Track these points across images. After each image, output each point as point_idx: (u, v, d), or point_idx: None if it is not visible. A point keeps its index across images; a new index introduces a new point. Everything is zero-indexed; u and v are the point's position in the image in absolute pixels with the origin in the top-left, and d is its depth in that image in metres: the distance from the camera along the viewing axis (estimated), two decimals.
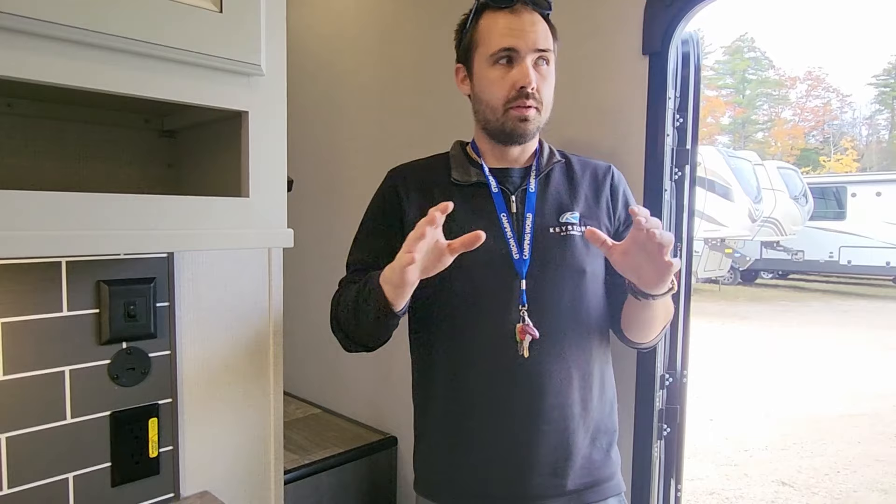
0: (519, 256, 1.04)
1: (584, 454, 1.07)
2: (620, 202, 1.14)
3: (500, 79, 1.02)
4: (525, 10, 1.02)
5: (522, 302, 1.03)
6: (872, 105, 29.20)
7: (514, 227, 1.06)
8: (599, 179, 1.14)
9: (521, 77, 1.00)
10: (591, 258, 1.07)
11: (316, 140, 2.34)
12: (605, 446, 1.11)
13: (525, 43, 1.00)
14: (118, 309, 0.96)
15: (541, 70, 1.03)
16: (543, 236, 1.06)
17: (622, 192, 1.15)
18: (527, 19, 1.01)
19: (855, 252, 12.13)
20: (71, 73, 0.66)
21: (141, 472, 1.01)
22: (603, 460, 1.10)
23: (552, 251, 1.05)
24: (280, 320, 1.19)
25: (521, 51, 1.01)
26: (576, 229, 1.07)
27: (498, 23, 1.02)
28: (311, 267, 2.33)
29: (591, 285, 1.08)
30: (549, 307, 1.04)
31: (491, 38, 1.02)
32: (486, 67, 1.03)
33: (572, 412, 1.05)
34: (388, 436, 2.05)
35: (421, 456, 1.15)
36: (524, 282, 1.03)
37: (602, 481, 1.09)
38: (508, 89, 1.02)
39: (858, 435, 4.42)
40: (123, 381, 0.98)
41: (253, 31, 0.78)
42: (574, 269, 1.05)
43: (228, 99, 0.78)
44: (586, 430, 1.07)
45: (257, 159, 0.81)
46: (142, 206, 0.73)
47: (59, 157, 0.95)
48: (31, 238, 0.65)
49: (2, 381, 0.87)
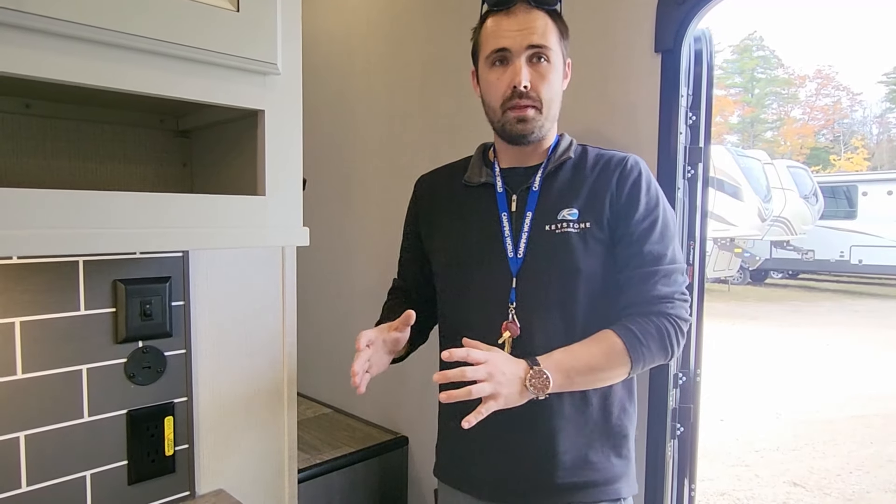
0: (513, 255, 1.05)
1: (575, 454, 1.05)
2: (626, 190, 1.05)
3: (497, 80, 1.04)
4: (522, 9, 1.02)
5: (511, 300, 1.04)
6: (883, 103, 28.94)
7: (512, 226, 1.07)
8: (610, 170, 1.07)
9: (512, 76, 1.01)
10: (588, 256, 1.03)
11: (326, 140, 2.34)
12: (607, 451, 1.07)
13: (515, 42, 1.01)
14: (134, 308, 0.97)
15: (539, 68, 1.02)
16: (540, 235, 1.05)
17: (632, 180, 1.06)
18: (522, 19, 1.01)
19: (866, 251, 12.02)
20: (90, 73, 0.66)
21: (157, 470, 1.02)
22: (603, 464, 1.07)
23: (546, 249, 1.04)
24: (293, 319, 1.20)
25: (513, 50, 1.01)
26: (573, 227, 1.04)
27: (494, 25, 1.04)
28: (322, 267, 2.33)
29: (587, 284, 1.04)
30: (539, 306, 1.04)
31: (488, 40, 1.04)
32: (486, 70, 1.06)
33: (562, 411, 1.04)
34: (398, 435, 2.05)
35: (437, 443, 1.23)
36: (515, 280, 1.05)
37: (595, 484, 1.06)
38: (504, 90, 1.03)
39: (870, 436, 4.39)
40: (139, 380, 0.99)
41: (269, 31, 0.78)
42: (566, 267, 1.03)
43: (245, 98, 0.78)
44: (579, 431, 1.05)
45: (273, 158, 0.82)
46: (158, 205, 0.74)
47: (76, 157, 0.96)
48: (48, 236, 0.65)
49: (20, 380, 0.87)
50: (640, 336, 0.99)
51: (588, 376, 0.99)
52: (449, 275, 1.14)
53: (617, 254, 1.05)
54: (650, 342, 0.99)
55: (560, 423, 1.04)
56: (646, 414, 1.40)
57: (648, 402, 1.40)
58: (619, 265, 1.05)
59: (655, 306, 1.02)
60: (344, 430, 2.11)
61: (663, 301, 1.02)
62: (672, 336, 1.01)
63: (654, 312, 1.01)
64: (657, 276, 1.03)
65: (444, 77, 1.87)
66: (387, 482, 1.99)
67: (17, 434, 0.87)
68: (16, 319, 0.87)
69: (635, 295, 1.03)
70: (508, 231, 1.07)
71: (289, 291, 1.18)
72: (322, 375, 2.42)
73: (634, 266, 1.04)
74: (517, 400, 0.93)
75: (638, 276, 1.03)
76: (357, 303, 2.21)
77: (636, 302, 1.03)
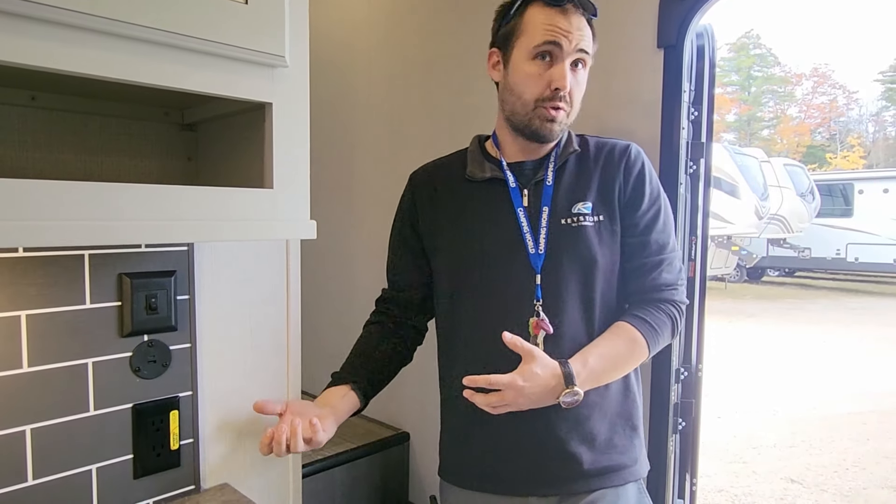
0: (535, 251, 1.05)
1: (603, 439, 1.07)
2: (632, 181, 1.08)
3: (538, 75, 1.01)
4: (575, 11, 1.00)
5: (537, 297, 1.04)
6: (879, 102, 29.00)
7: (529, 221, 1.06)
8: (615, 161, 1.09)
9: (558, 78, 1.00)
10: (603, 248, 1.06)
11: (326, 136, 2.34)
12: (627, 432, 1.10)
13: (569, 42, 0.99)
14: (140, 301, 0.97)
15: (577, 73, 1.03)
16: (557, 229, 1.05)
17: (637, 171, 1.09)
18: (574, 20, 1.00)
19: (862, 249, 12.07)
20: (99, 64, 0.66)
21: (162, 464, 1.01)
22: (626, 446, 1.09)
23: (565, 244, 1.05)
24: (298, 313, 1.20)
25: (565, 49, 0.99)
26: (588, 220, 1.05)
27: (547, 17, 1.00)
28: (325, 262, 2.33)
29: (605, 275, 1.06)
30: (564, 300, 1.04)
31: (536, 31, 1.00)
32: (525, 59, 1.02)
33: (588, 400, 1.04)
34: (400, 431, 2.06)
35: (444, 444, 1.19)
36: (539, 276, 1.04)
37: (623, 466, 1.08)
38: (543, 87, 1.01)
39: (867, 432, 4.41)
40: (145, 374, 0.99)
41: (277, 23, 0.78)
42: (586, 260, 1.05)
43: (253, 90, 0.78)
44: (603, 416, 1.07)
45: (280, 150, 0.82)
46: (166, 197, 0.73)
47: (81, 149, 0.96)
48: (54, 228, 0.65)
49: (26, 373, 0.87)
50: (656, 326, 1.05)
51: (613, 374, 1.05)
52: (460, 274, 1.11)
53: (623, 243, 1.08)
54: (663, 330, 1.06)
55: (585, 411, 1.05)
56: (648, 408, 1.41)
57: (651, 396, 1.40)
58: (625, 254, 1.09)
59: (662, 293, 1.08)
60: (345, 425, 2.08)
61: (669, 288, 1.09)
62: (678, 320, 1.09)
63: (661, 300, 1.08)
64: (662, 265, 1.09)
65: (446, 73, 1.86)
66: (389, 478, 1.99)
67: (23, 427, 0.87)
68: (22, 313, 0.87)
69: (643, 283, 1.09)
70: (528, 227, 1.06)
71: (293, 285, 1.18)
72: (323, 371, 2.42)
73: (642, 255, 1.08)
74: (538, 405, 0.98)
75: (645, 266, 1.08)
76: (358, 298, 2.21)
77: (644, 289, 1.09)
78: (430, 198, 1.16)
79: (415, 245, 1.18)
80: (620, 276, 1.09)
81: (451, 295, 1.13)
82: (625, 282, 1.10)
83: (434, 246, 1.15)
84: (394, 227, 1.23)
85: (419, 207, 1.17)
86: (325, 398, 1.08)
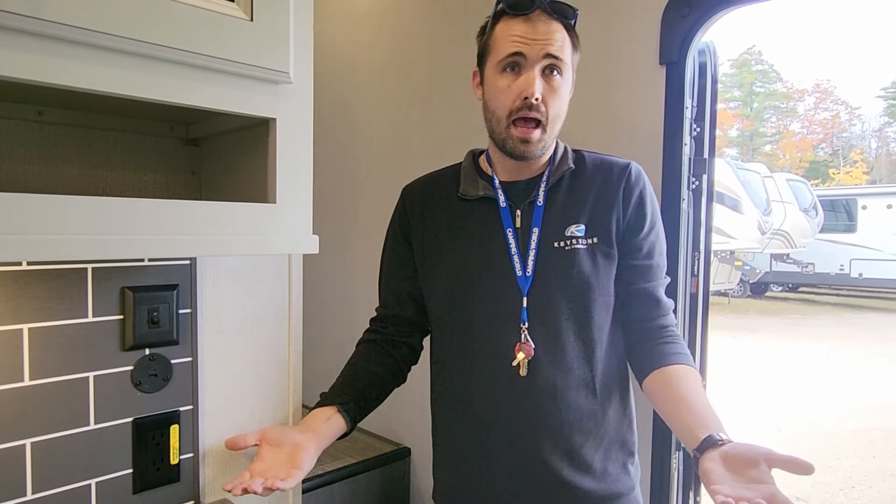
0: (522, 273, 1.02)
1: (598, 468, 1.04)
2: (633, 204, 1.05)
3: (507, 87, 0.98)
4: (542, 18, 0.97)
5: (523, 320, 1.01)
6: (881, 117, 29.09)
7: (518, 242, 1.04)
8: (613, 181, 1.06)
9: (525, 86, 0.96)
10: (597, 271, 1.02)
11: (329, 149, 2.35)
12: (621, 460, 1.08)
13: (533, 50, 0.96)
14: (142, 315, 0.97)
15: (551, 81, 0.98)
16: (548, 251, 1.02)
17: (637, 194, 1.05)
18: (541, 28, 0.96)
19: (866, 265, 12.04)
20: (105, 80, 0.67)
21: (162, 478, 1.01)
22: (619, 474, 1.07)
23: (555, 267, 1.02)
24: (299, 328, 1.19)
25: (529, 57, 0.96)
26: (581, 242, 1.02)
27: (510, 29, 0.97)
28: (327, 277, 2.33)
29: (599, 299, 1.03)
30: (552, 324, 1.01)
31: (503, 44, 0.98)
32: (495, 74, 1.00)
33: (581, 427, 1.02)
34: (401, 447, 2.04)
35: (437, 465, 1.17)
36: (525, 299, 1.02)
37: (619, 494, 1.06)
38: (513, 99, 0.97)
39: (873, 450, 4.37)
40: (146, 388, 0.99)
41: (282, 40, 0.79)
42: (579, 284, 1.01)
43: (257, 106, 0.79)
44: (598, 444, 1.04)
45: (284, 166, 0.82)
46: (169, 211, 0.74)
47: (86, 164, 0.96)
48: (57, 242, 0.66)
49: (27, 387, 0.87)
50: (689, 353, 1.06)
51: None
52: (449, 294, 1.08)
53: (623, 266, 1.05)
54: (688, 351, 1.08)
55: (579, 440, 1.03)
56: (651, 426, 1.40)
57: (654, 414, 1.39)
58: (626, 278, 1.06)
59: (666, 316, 1.08)
60: (346, 440, 2.10)
61: (669, 308, 1.09)
62: None
63: (668, 324, 1.07)
64: (662, 287, 1.09)
65: (449, 86, 1.88)
66: (389, 493, 1.98)
67: (23, 441, 0.87)
68: (24, 326, 0.87)
69: (647, 308, 1.07)
70: (515, 248, 1.03)
71: (295, 299, 1.18)
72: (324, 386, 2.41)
73: (644, 280, 1.06)
74: None
75: (648, 290, 1.07)
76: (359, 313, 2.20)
77: (649, 316, 1.07)
78: (422, 213, 1.13)
79: (408, 259, 1.15)
80: (618, 298, 1.06)
81: (440, 315, 1.11)
82: (626, 304, 1.07)
83: (424, 263, 1.12)
84: (386, 242, 1.20)
85: (413, 224, 1.14)
86: (308, 421, 1.04)
